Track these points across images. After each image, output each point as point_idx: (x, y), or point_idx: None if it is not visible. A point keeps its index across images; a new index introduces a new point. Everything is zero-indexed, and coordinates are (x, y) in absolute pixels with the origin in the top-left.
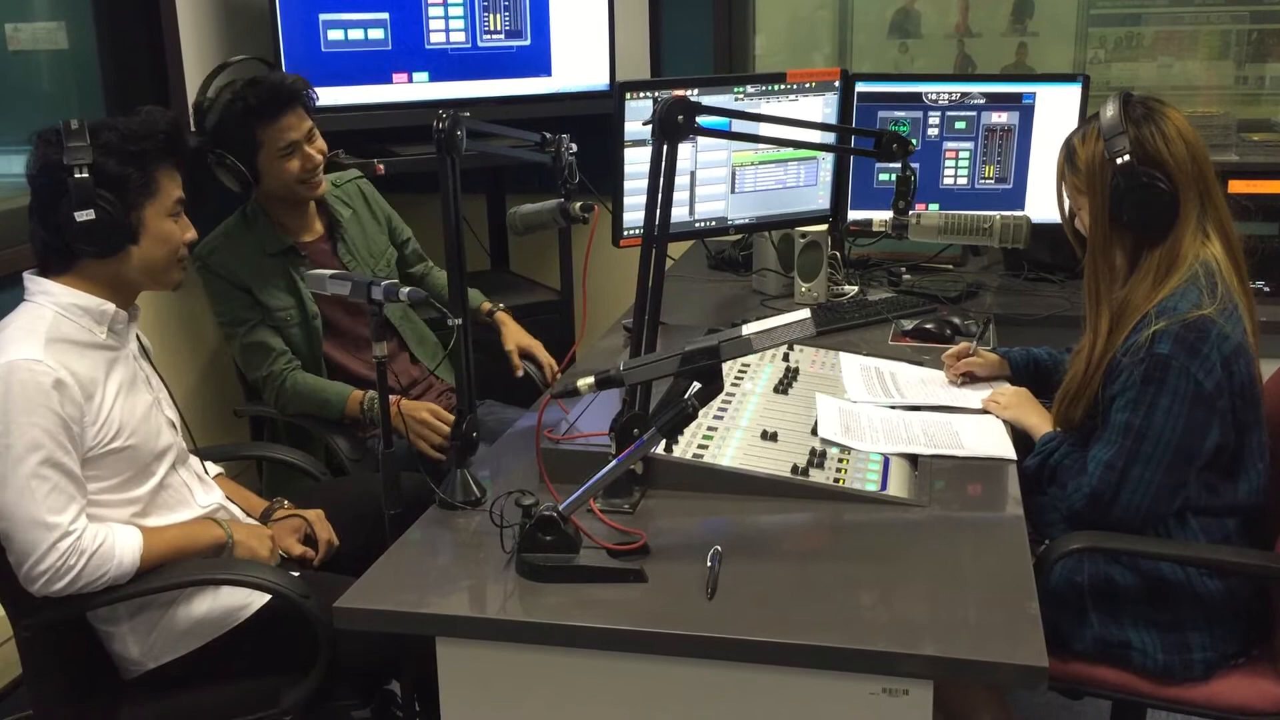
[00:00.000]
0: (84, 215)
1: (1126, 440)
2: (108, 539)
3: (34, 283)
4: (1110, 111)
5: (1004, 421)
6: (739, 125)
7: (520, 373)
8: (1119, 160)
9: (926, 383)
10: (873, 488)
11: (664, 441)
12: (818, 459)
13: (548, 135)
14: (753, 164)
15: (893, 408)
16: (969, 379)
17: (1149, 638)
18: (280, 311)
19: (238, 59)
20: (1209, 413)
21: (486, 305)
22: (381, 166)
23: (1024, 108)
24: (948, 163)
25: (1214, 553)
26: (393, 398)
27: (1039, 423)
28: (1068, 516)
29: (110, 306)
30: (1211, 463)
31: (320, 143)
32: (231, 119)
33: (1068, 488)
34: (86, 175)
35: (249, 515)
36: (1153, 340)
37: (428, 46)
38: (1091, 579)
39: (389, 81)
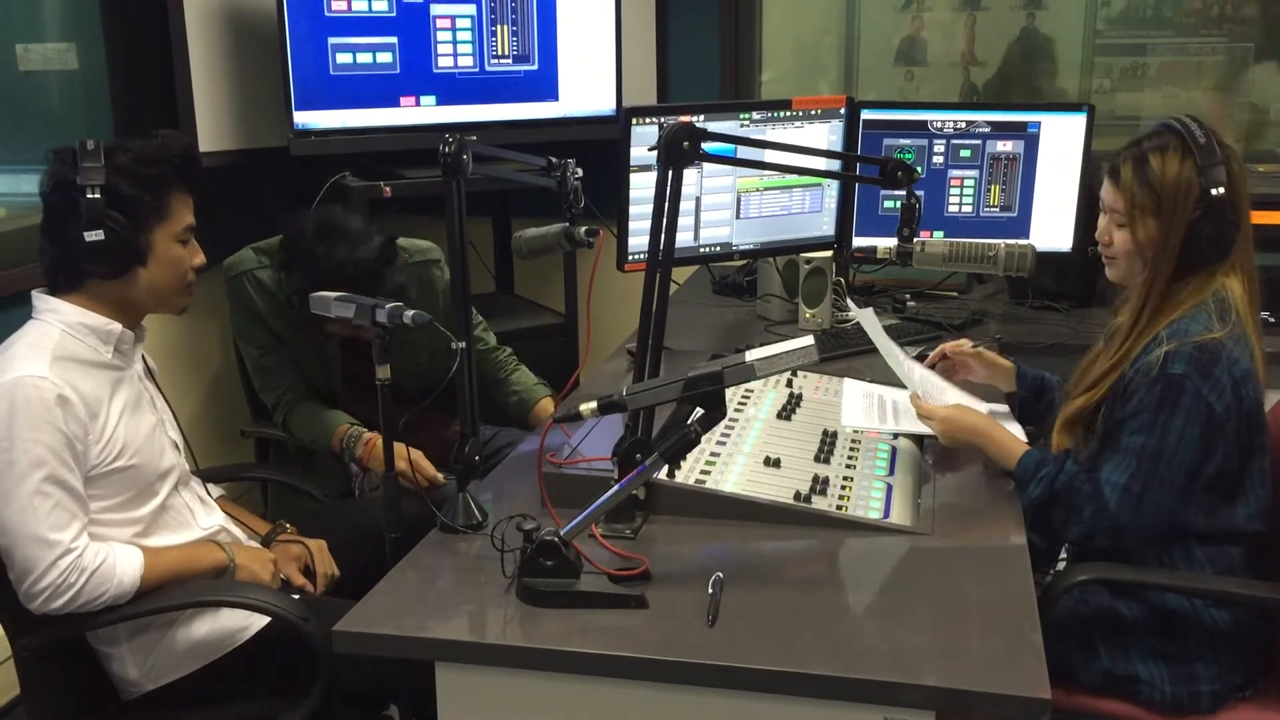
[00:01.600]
0: (93, 235)
1: (1143, 464)
2: (109, 558)
3: (42, 300)
4: (1202, 137)
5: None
6: (744, 152)
7: None
8: (1214, 192)
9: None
10: (875, 515)
11: (666, 467)
12: (820, 486)
13: (554, 160)
14: (758, 190)
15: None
16: (958, 373)
17: (1156, 670)
18: (297, 348)
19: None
20: (1217, 436)
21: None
22: (388, 189)
23: (1029, 136)
24: (953, 190)
25: (1222, 584)
26: (370, 435)
27: (1005, 439)
28: (1076, 542)
29: (117, 326)
30: (1212, 486)
31: None
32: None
33: (1084, 513)
34: (98, 196)
35: (251, 538)
36: (1165, 361)
37: (435, 70)
38: (1098, 611)
39: (396, 105)
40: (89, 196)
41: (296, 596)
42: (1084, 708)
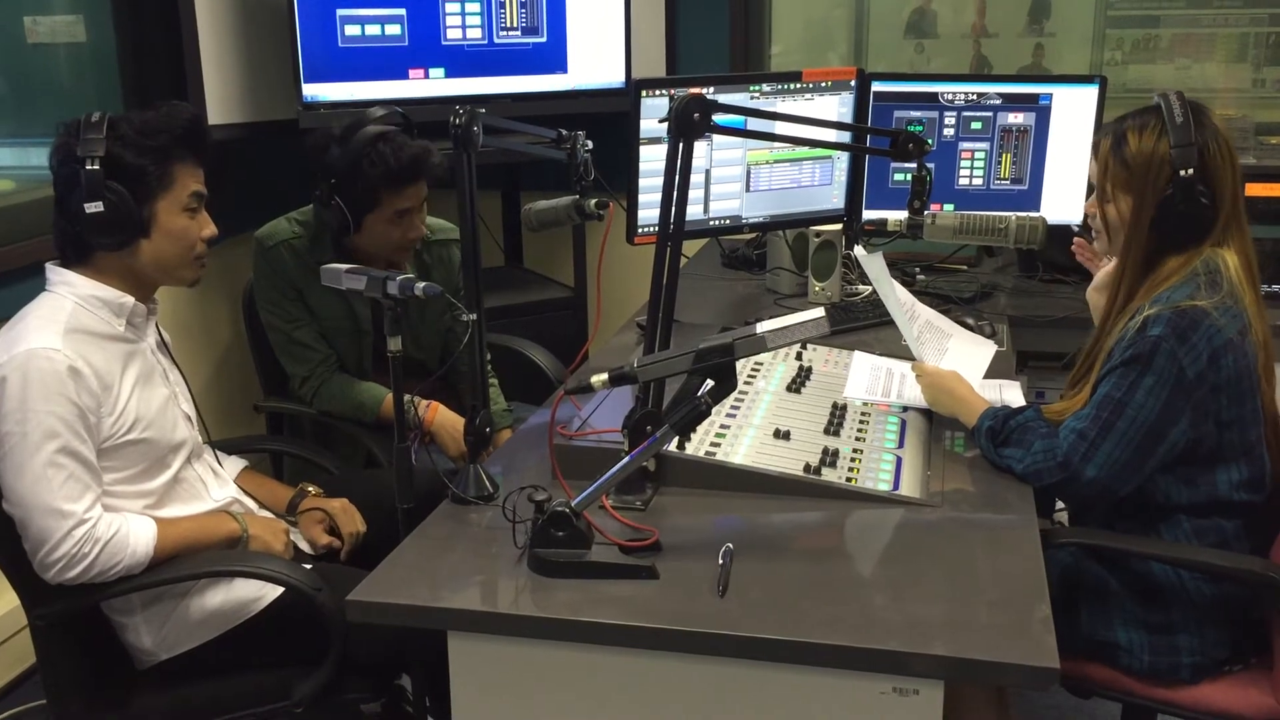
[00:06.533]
0: (93, 207)
1: (1103, 413)
2: (122, 528)
3: (55, 273)
4: (1179, 115)
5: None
6: (754, 124)
7: None
8: (1183, 172)
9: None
10: (885, 487)
11: (677, 439)
12: (830, 458)
13: (563, 132)
14: (768, 163)
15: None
16: (1088, 259)
17: (1137, 639)
18: (329, 320)
19: (380, 113)
20: (1184, 401)
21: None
22: None
23: (1040, 108)
24: (963, 163)
25: (1202, 555)
26: (430, 403)
27: (972, 398)
28: (1023, 477)
29: (129, 299)
30: (1187, 455)
31: (425, 214)
32: (362, 172)
33: (1033, 446)
34: (97, 167)
35: (275, 507)
36: (1144, 324)
37: (444, 43)
38: (1083, 576)
39: (405, 77)
40: (88, 168)
41: (309, 567)
42: (1065, 670)
